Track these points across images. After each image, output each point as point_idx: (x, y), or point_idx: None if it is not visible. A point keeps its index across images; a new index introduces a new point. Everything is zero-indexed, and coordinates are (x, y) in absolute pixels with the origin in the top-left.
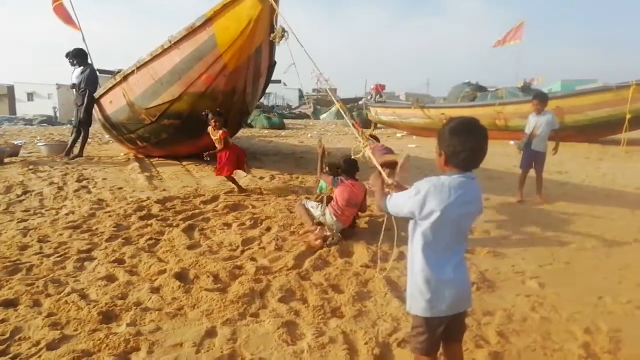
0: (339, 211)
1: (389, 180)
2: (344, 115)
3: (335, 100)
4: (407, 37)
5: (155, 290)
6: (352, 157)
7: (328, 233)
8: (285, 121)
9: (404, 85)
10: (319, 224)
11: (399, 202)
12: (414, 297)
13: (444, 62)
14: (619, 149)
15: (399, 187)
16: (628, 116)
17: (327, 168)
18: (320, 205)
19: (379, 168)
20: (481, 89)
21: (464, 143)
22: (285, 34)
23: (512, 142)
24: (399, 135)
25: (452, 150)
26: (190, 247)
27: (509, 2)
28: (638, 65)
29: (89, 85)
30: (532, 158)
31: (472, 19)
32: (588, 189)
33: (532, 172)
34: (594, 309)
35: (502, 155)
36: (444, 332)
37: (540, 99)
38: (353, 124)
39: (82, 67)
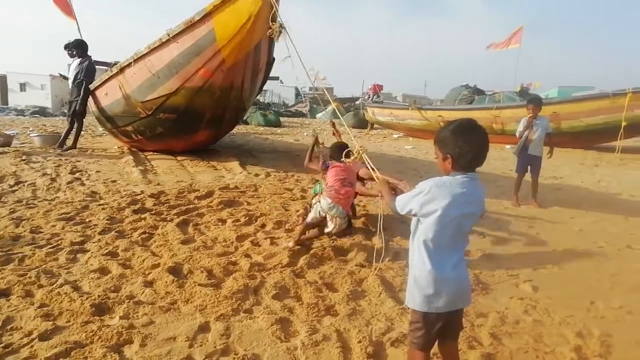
0: (334, 192)
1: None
2: (340, 116)
3: (331, 100)
4: (405, 38)
5: (149, 284)
6: (344, 160)
7: (329, 228)
8: (282, 119)
9: (401, 86)
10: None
11: (404, 202)
12: (412, 291)
13: (441, 64)
14: (613, 156)
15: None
16: (624, 124)
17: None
18: (316, 204)
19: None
20: (479, 92)
21: (470, 143)
22: (283, 29)
23: (508, 147)
24: (395, 136)
25: (459, 152)
26: (184, 242)
27: (509, 6)
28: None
29: (87, 76)
30: (528, 162)
31: (471, 21)
32: (583, 195)
33: (527, 177)
34: (586, 313)
35: (497, 159)
36: (440, 329)
37: (535, 103)
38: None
39: (81, 59)
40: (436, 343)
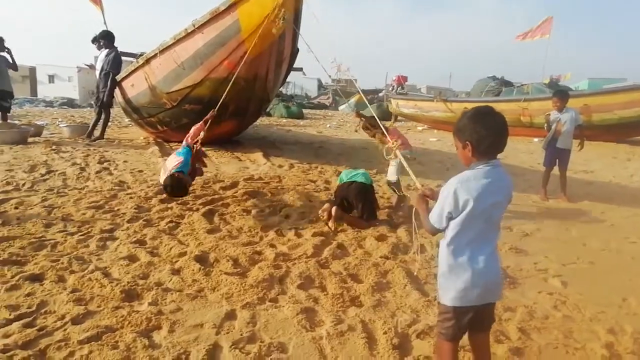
0: (407, 141)
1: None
2: (368, 106)
3: (359, 90)
4: (430, 28)
5: (176, 271)
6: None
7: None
8: (304, 111)
9: (425, 78)
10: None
11: (437, 214)
12: (443, 286)
13: (467, 55)
14: None
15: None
16: None
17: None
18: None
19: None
20: (507, 83)
21: (487, 127)
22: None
23: (536, 140)
24: (419, 128)
25: (477, 137)
26: (210, 232)
27: None
28: None
29: (113, 68)
30: (556, 155)
31: (498, 12)
32: (615, 189)
33: (556, 170)
34: (618, 309)
35: (525, 153)
36: (471, 320)
37: (560, 96)
38: (367, 125)
39: (107, 50)
40: (466, 335)
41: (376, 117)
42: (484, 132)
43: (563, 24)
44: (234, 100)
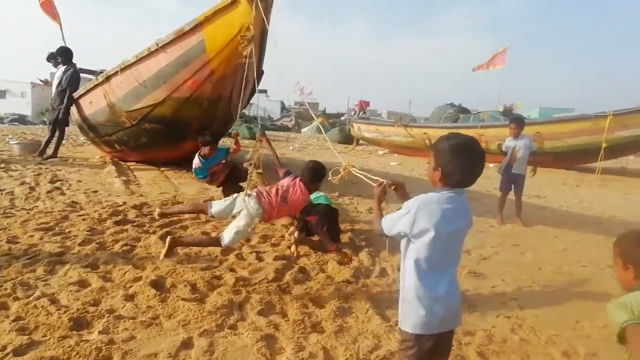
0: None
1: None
2: (323, 133)
3: (314, 116)
4: (390, 56)
5: (130, 297)
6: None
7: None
8: (267, 133)
9: (386, 103)
10: None
11: (391, 222)
12: (405, 313)
13: (426, 83)
14: (594, 177)
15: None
16: (604, 145)
17: None
18: None
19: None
20: (464, 111)
21: (462, 165)
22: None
23: (491, 165)
24: (380, 152)
25: (450, 171)
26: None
27: (494, 28)
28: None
29: (71, 85)
30: (512, 181)
31: (457, 42)
32: (565, 215)
33: (511, 195)
34: (572, 332)
35: (482, 177)
36: (431, 348)
37: (517, 123)
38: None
39: (65, 67)
40: None
41: None
42: (457, 168)
43: (517, 55)
44: (196, 119)
